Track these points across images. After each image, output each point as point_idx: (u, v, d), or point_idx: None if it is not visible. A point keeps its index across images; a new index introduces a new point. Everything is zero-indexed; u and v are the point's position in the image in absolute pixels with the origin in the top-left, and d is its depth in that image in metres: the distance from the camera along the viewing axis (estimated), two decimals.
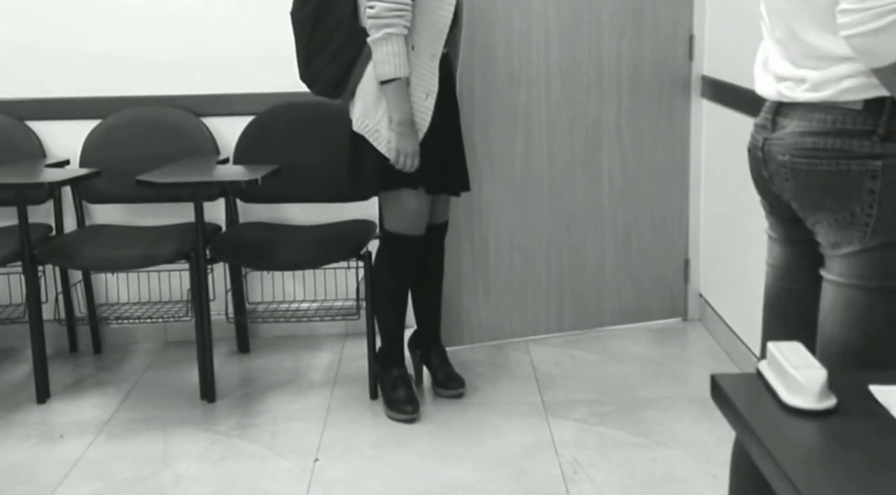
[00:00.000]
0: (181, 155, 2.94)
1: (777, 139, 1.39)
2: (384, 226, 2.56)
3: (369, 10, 2.27)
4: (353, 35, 2.36)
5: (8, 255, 2.71)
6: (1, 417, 2.63)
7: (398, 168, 2.38)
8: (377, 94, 2.36)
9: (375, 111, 2.38)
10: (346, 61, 2.39)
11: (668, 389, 2.69)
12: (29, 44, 3.00)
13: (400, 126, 2.33)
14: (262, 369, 2.96)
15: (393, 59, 2.28)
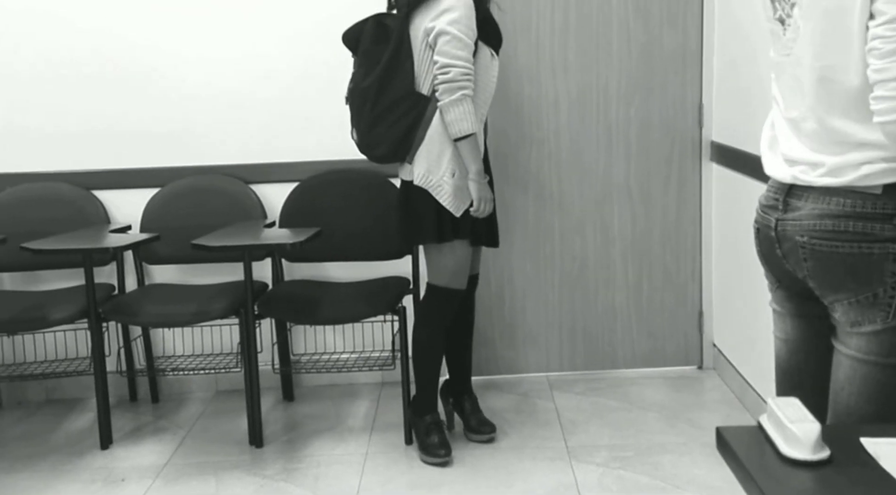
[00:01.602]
0: (232, 219, 3.00)
1: (792, 220, 1.38)
2: (430, 281, 2.59)
3: (444, 75, 2.36)
4: (415, 102, 2.45)
5: (75, 313, 2.78)
6: (68, 462, 2.68)
7: (476, 215, 2.45)
8: (439, 152, 2.44)
9: (438, 167, 2.45)
10: (409, 125, 2.46)
11: (684, 435, 2.70)
12: (94, 119, 3.09)
13: (478, 175, 2.43)
14: (305, 416, 2.99)
15: (469, 116, 2.38)
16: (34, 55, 3.04)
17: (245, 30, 3.07)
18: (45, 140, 3.09)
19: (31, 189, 3.09)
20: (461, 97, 2.36)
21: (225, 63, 3.08)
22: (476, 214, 2.46)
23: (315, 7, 3.01)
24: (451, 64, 2.35)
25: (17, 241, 2.75)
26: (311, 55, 3.04)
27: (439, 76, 2.37)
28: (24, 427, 2.99)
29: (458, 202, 2.45)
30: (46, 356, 3.14)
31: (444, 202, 2.45)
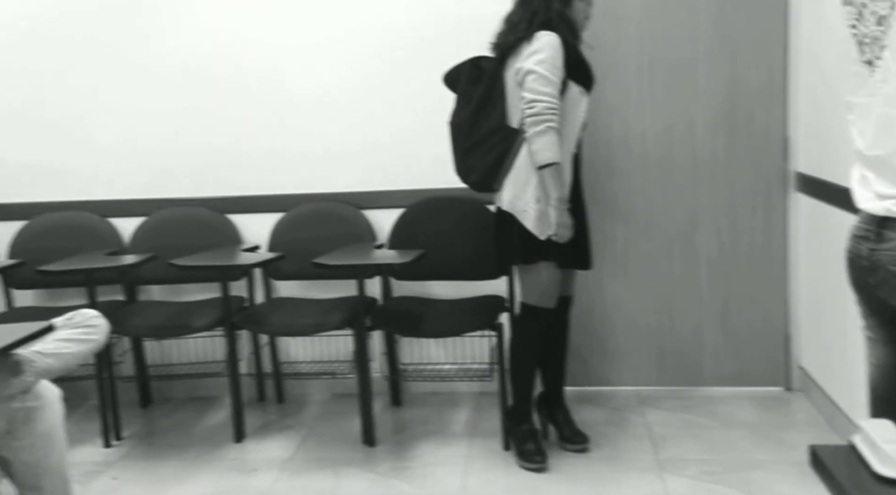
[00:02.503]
0: (346, 241, 3.12)
1: (887, 250, 1.39)
2: (522, 300, 2.66)
3: (530, 109, 2.44)
4: (505, 135, 2.55)
5: (213, 322, 2.97)
6: (207, 452, 2.85)
7: (556, 239, 2.50)
8: (525, 180, 2.51)
9: (524, 194, 2.52)
10: (498, 155, 2.56)
11: (773, 453, 2.65)
12: (229, 152, 3.27)
13: (559, 202, 2.47)
14: (411, 420, 3.09)
15: (552, 147, 2.44)
16: (182, 101, 3.27)
17: (366, 76, 3.21)
18: (188, 170, 3.30)
19: (177, 213, 3.31)
20: (545, 129, 2.43)
21: (343, 106, 3.23)
22: (556, 239, 2.50)
23: (424, 53, 3.13)
24: (536, 99, 2.44)
25: (165, 258, 2.97)
26: (419, 96, 3.15)
27: (526, 110, 2.46)
28: (171, 420, 3.20)
29: (542, 226, 2.51)
30: (189, 358, 3.34)
31: (528, 226, 2.52)
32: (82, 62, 3.27)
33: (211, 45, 3.23)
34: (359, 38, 3.19)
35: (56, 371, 2.06)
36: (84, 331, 2.19)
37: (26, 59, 3.27)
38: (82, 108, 3.29)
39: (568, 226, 2.49)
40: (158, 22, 3.24)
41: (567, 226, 2.49)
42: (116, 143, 3.30)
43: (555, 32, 2.47)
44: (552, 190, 2.46)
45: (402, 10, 3.15)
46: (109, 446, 2.93)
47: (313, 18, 3.20)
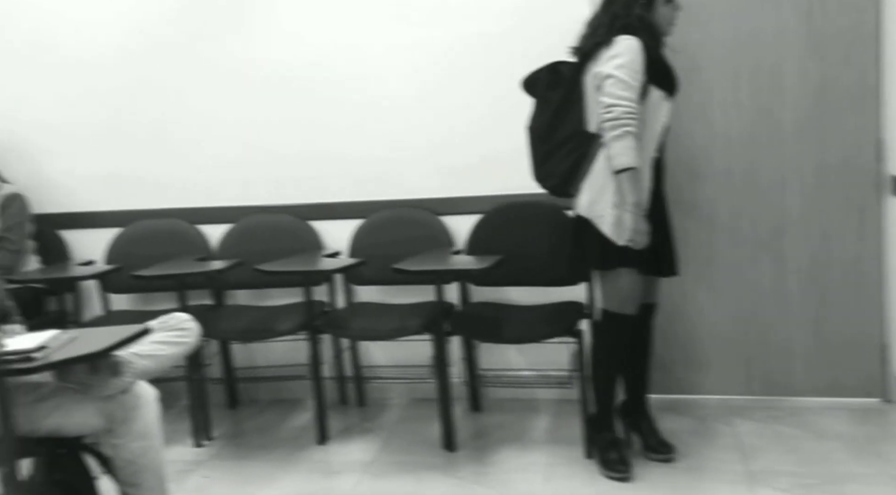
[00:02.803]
0: (425, 247, 3.14)
1: None
2: (603, 306, 2.62)
3: (608, 113, 2.41)
4: (582, 140, 2.52)
5: (296, 326, 3.01)
6: (292, 454, 2.90)
7: (631, 245, 2.44)
8: (602, 185, 2.48)
9: (601, 199, 2.48)
10: (575, 160, 2.54)
11: (870, 466, 2.53)
12: (310, 160, 3.33)
13: (635, 207, 2.42)
14: (491, 426, 3.07)
15: (630, 151, 2.40)
16: (265, 112, 3.34)
17: (446, 82, 3.22)
18: (272, 178, 3.38)
19: (261, 219, 3.39)
20: (623, 133, 2.39)
21: (423, 113, 3.25)
22: (631, 244, 2.44)
23: (505, 60, 3.11)
24: (615, 103, 2.40)
25: (250, 264, 3.04)
26: (497, 103, 3.14)
27: (604, 115, 2.42)
28: (256, 421, 3.27)
29: (619, 232, 2.46)
30: (273, 361, 3.41)
31: (605, 231, 2.47)
32: (173, 78, 3.39)
33: (293, 57, 3.30)
34: (440, 45, 3.20)
35: (152, 372, 2.13)
36: (177, 334, 2.26)
37: (123, 75, 3.41)
38: (172, 120, 3.41)
39: (644, 232, 2.44)
40: (243, 38, 3.33)
41: (643, 231, 2.44)
42: (204, 154, 3.41)
43: (635, 37, 2.43)
44: (629, 195, 2.42)
45: (484, 17, 3.15)
46: (200, 446, 3.02)
47: (393, 25, 3.24)
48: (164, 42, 3.37)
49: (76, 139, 3.45)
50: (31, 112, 3.44)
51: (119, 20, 3.39)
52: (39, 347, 1.88)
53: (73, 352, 1.92)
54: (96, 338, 2.05)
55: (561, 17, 2.93)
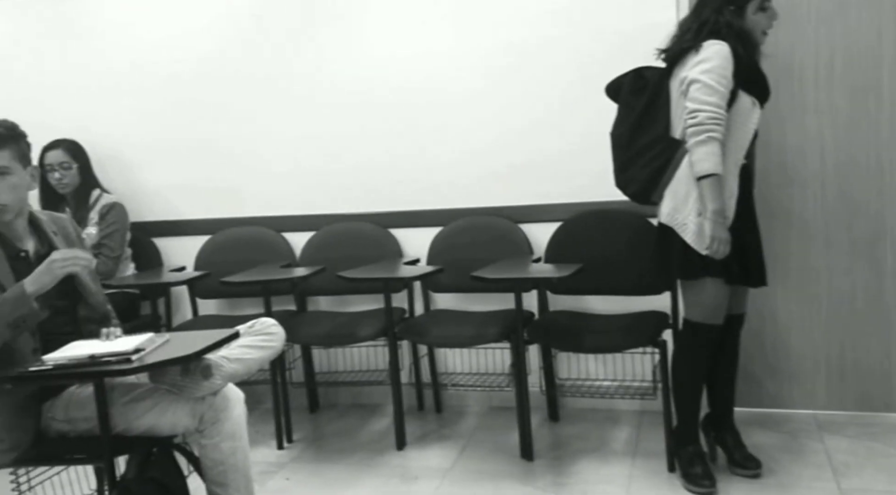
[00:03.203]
0: (503, 254, 3.13)
1: None
2: (686, 316, 2.55)
3: (692, 118, 2.36)
4: (666, 146, 2.47)
5: (376, 332, 3.03)
6: (370, 458, 2.93)
7: (710, 254, 2.37)
8: (686, 192, 2.42)
9: (685, 206, 2.43)
10: (658, 167, 2.49)
11: None
12: (390, 169, 3.37)
13: (715, 215, 2.35)
14: (569, 436, 3.02)
15: (712, 157, 2.34)
16: (346, 124, 3.40)
17: (524, 92, 3.21)
18: (353, 187, 3.44)
19: (343, 227, 3.45)
20: (706, 139, 2.33)
21: (501, 122, 3.25)
22: (711, 254, 2.37)
23: (585, 67, 3.10)
24: (699, 109, 2.34)
25: (332, 270, 3.09)
26: (573, 108, 3.12)
27: (688, 120, 2.37)
28: (336, 425, 3.32)
29: (701, 240, 2.39)
30: (353, 367, 3.47)
31: (688, 240, 2.41)
32: (259, 93, 3.48)
33: (370, 71, 3.35)
34: (517, 55, 3.20)
35: (240, 375, 2.18)
36: (264, 339, 2.31)
37: (214, 91, 3.53)
38: (258, 133, 3.51)
39: (723, 241, 2.36)
40: (322, 53, 3.40)
41: (722, 240, 2.36)
42: (288, 164, 3.49)
43: (725, 42, 2.37)
44: (709, 202, 2.35)
45: (563, 26, 3.13)
46: (282, 448, 3.08)
47: (470, 37, 3.25)
48: (249, 58, 3.48)
49: (169, 151, 3.59)
50: (128, 126, 3.60)
51: (203, 39, 3.51)
52: (136, 349, 1.96)
53: (167, 355, 1.98)
54: (189, 341, 2.12)
55: (639, 23, 2.89)
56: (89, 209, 3.39)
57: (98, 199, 3.42)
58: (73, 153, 3.41)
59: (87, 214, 3.37)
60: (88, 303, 2.24)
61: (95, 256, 3.24)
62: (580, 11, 3.11)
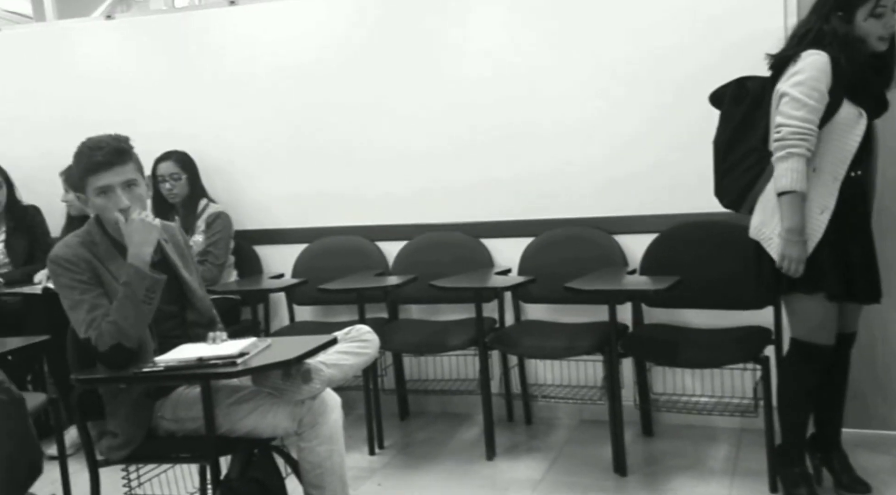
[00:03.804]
0: (596, 266, 3.08)
1: None
2: (792, 334, 2.45)
3: (777, 133, 2.31)
4: (760, 157, 2.42)
5: (466, 341, 3.06)
6: (459, 467, 2.94)
7: (784, 272, 2.31)
8: (773, 206, 2.35)
9: (771, 220, 2.36)
10: (751, 178, 2.44)
11: None
12: (482, 178, 3.38)
13: (788, 233, 2.29)
14: (664, 452, 2.95)
15: (791, 174, 2.27)
16: (439, 137, 3.43)
17: (617, 102, 3.18)
18: (445, 198, 3.46)
19: (435, 237, 3.48)
20: (787, 155, 2.27)
21: (593, 133, 3.22)
22: (784, 271, 2.30)
23: (682, 80, 3.04)
24: (784, 123, 2.28)
25: (424, 279, 3.12)
26: (674, 120, 3.06)
27: (774, 134, 2.31)
28: (426, 433, 3.34)
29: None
30: (442, 375, 3.48)
31: (772, 254, 2.34)
32: (356, 108, 3.54)
33: (469, 85, 3.37)
34: (620, 68, 3.16)
35: (337, 380, 2.24)
36: (359, 346, 2.36)
37: (312, 106, 3.61)
38: (355, 146, 3.57)
39: (794, 260, 2.29)
40: (418, 71, 3.44)
41: (793, 259, 2.29)
42: (383, 175, 3.55)
43: (825, 51, 2.28)
44: (784, 219, 2.29)
45: (668, 38, 3.08)
46: (373, 454, 3.12)
47: (566, 47, 3.23)
48: (350, 77, 3.54)
49: (270, 163, 3.71)
50: (232, 138, 3.74)
51: (306, 54, 3.60)
52: (241, 353, 2.04)
53: (269, 359, 2.06)
54: (289, 346, 2.20)
55: (743, 32, 2.81)
56: (196, 218, 3.55)
57: (205, 209, 3.57)
58: (183, 164, 3.58)
59: (195, 223, 3.53)
60: (196, 308, 2.34)
61: (201, 263, 3.39)
62: (685, 23, 3.05)
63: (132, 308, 2.08)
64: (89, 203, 2.21)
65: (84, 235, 2.21)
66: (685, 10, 3.06)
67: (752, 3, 2.93)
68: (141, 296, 2.09)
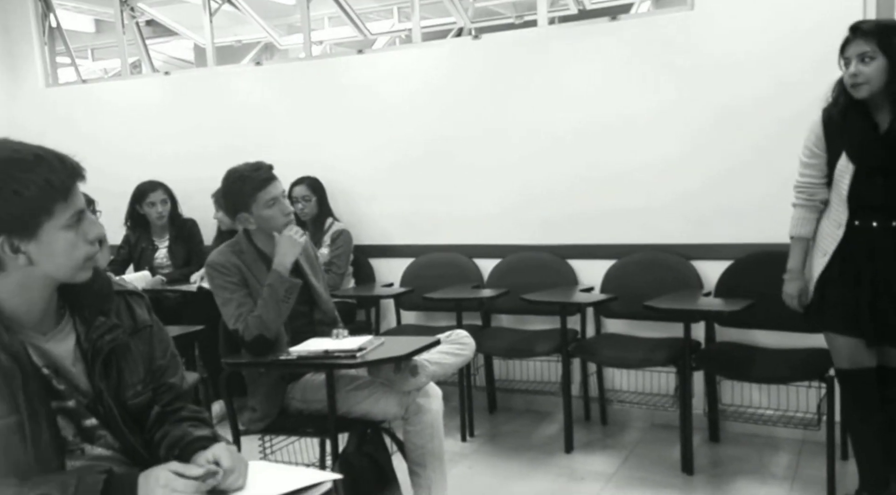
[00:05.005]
0: (673, 288, 3.10)
1: None
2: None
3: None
4: None
5: (551, 349, 3.16)
6: (540, 458, 3.03)
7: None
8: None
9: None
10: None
11: None
12: (569, 205, 3.44)
13: (787, 272, 2.46)
14: (729, 457, 2.95)
15: (792, 222, 2.45)
16: (535, 168, 3.52)
17: (703, 141, 3.19)
18: (537, 221, 3.55)
19: (526, 256, 3.57)
20: (793, 204, 2.42)
21: (681, 165, 3.24)
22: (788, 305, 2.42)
23: (757, 124, 3.05)
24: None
25: (515, 293, 3.24)
26: (753, 160, 3.07)
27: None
28: (510, 426, 3.45)
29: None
30: (527, 377, 3.59)
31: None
32: (462, 139, 3.66)
33: (559, 125, 3.45)
34: (700, 105, 3.17)
35: (439, 376, 2.39)
36: (458, 347, 2.51)
37: (421, 140, 3.76)
38: (458, 172, 3.70)
39: (789, 296, 2.44)
40: (517, 111, 3.53)
41: (788, 295, 2.45)
42: (482, 200, 3.67)
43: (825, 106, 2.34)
44: (788, 260, 2.42)
45: (745, 79, 3.08)
46: (465, 440, 3.26)
47: (656, 88, 3.25)
48: (453, 115, 3.68)
49: (384, 188, 3.89)
50: (353, 166, 3.96)
51: (419, 95, 3.75)
52: (360, 348, 2.23)
53: (383, 354, 2.23)
54: (399, 344, 2.36)
55: (828, 77, 2.78)
56: (323, 234, 3.79)
57: (330, 226, 3.81)
58: (313, 188, 3.84)
59: (322, 238, 3.78)
60: (322, 308, 2.55)
61: (326, 272, 3.63)
62: (769, 72, 3.03)
63: (274, 305, 2.31)
64: (252, 219, 2.39)
65: (234, 245, 2.45)
66: (771, 56, 3.03)
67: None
68: (281, 296, 2.32)
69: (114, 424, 1.33)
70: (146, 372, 1.40)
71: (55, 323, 1.32)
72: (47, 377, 1.27)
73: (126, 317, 1.40)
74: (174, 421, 1.41)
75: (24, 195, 1.19)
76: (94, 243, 1.28)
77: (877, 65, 2.21)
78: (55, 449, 1.24)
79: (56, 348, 1.30)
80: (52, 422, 1.25)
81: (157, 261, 4.02)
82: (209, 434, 1.40)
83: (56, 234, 1.23)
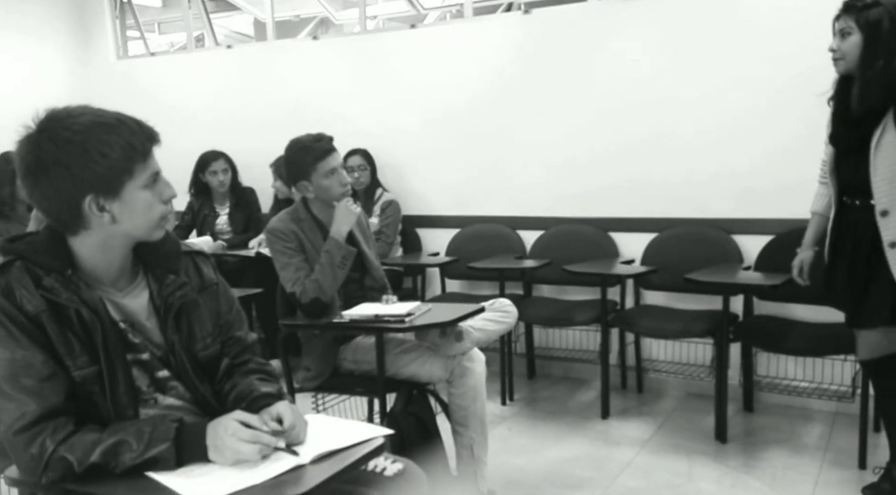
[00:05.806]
0: (713, 261, 3.09)
1: None
2: None
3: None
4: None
5: (591, 319, 3.18)
6: (577, 423, 3.07)
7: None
8: None
9: None
10: None
11: None
12: (612, 179, 3.43)
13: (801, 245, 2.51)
14: (762, 426, 2.95)
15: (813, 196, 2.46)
16: (578, 142, 3.51)
17: (749, 116, 3.14)
18: (579, 195, 3.56)
19: (568, 228, 3.59)
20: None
21: (720, 146, 3.21)
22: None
23: (805, 100, 2.96)
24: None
25: (557, 264, 3.27)
26: (788, 128, 3.00)
27: None
28: (549, 392, 3.50)
29: None
30: (566, 345, 3.63)
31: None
32: (510, 113, 3.67)
33: (606, 100, 3.43)
34: (753, 81, 3.12)
35: (482, 342, 2.42)
36: (501, 315, 2.53)
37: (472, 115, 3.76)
38: (504, 147, 3.71)
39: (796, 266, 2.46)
40: (566, 85, 3.53)
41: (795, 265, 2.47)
42: (527, 172, 3.68)
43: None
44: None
45: (802, 55, 3.00)
46: (505, 404, 3.32)
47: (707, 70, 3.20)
48: (504, 89, 3.67)
49: (432, 161, 3.94)
50: (403, 138, 4.00)
51: (471, 68, 3.76)
52: (408, 313, 2.28)
53: (430, 319, 2.28)
54: (446, 310, 2.41)
55: None
56: (374, 204, 3.85)
57: (380, 197, 3.87)
58: (367, 159, 3.89)
59: (372, 207, 3.84)
60: (372, 275, 2.60)
61: (376, 240, 3.69)
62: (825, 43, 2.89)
63: (330, 271, 2.37)
64: (311, 187, 2.43)
65: (293, 212, 2.50)
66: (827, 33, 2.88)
67: None
68: (338, 262, 2.38)
69: (185, 376, 1.39)
70: (214, 326, 1.46)
71: (130, 280, 1.38)
72: (124, 330, 1.33)
73: (194, 275, 1.46)
74: (242, 374, 1.46)
75: (110, 156, 1.24)
76: (169, 203, 1.34)
77: (852, 40, 2.14)
78: (130, 399, 1.30)
79: (131, 304, 1.36)
80: (127, 373, 1.30)
81: (217, 227, 4.14)
82: (274, 391, 1.45)
83: (136, 194, 1.28)
